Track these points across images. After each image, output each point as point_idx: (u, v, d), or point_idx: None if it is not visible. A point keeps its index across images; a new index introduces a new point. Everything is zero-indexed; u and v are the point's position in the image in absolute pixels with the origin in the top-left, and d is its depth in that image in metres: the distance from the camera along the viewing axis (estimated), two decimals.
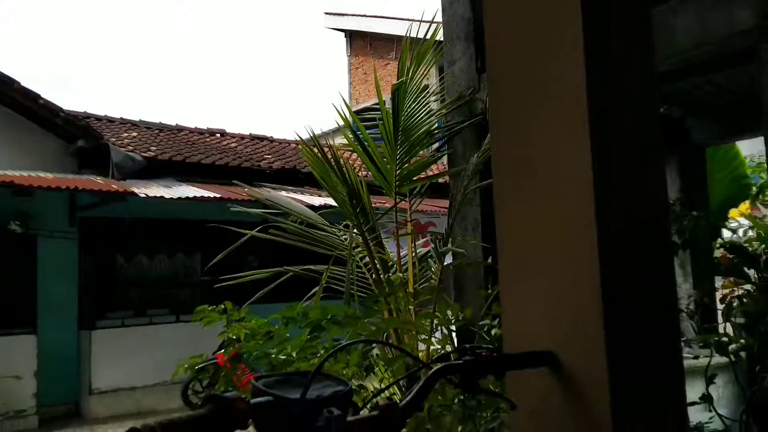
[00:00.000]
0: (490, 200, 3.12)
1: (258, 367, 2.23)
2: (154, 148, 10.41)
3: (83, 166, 9.61)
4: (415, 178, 3.00)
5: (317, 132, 3.17)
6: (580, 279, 1.36)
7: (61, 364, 8.89)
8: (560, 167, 1.44)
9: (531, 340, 1.42)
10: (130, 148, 9.99)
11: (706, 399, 2.56)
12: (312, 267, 2.88)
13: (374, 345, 1.66)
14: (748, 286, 4.41)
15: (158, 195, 8.38)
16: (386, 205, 3.52)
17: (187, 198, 8.54)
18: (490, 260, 2.22)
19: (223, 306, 2.36)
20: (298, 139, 3.28)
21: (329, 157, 2.97)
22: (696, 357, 2.72)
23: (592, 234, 1.36)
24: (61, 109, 9.20)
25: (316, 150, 2.96)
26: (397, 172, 2.83)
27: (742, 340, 2.99)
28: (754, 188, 4.65)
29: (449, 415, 1.89)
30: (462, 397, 2.10)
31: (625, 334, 1.36)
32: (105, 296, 9.65)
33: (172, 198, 8.42)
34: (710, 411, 2.61)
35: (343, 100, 3.36)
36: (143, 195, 8.24)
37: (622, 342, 1.34)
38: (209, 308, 2.34)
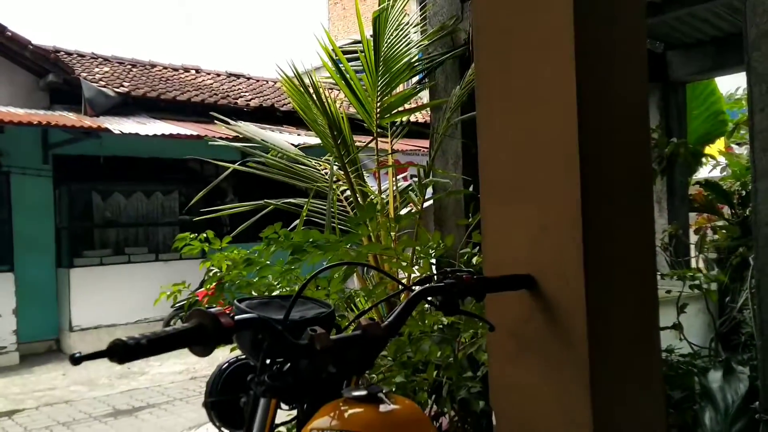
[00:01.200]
0: (471, 135, 3.11)
1: (240, 297, 2.22)
2: (127, 83, 10.13)
3: (55, 101, 9.35)
4: (395, 111, 2.96)
5: (298, 69, 3.09)
6: (562, 206, 1.37)
7: (40, 301, 8.88)
8: (546, 95, 1.43)
9: (511, 265, 1.44)
10: (102, 83, 9.71)
11: (677, 327, 2.64)
12: (293, 200, 2.86)
13: (353, 273, 1.67)
14: (720, 223, 4.52)
15: (133, 132, 8.20)
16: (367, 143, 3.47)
17: (163, 135, 8.37)
18: (471, 189, 2.22)
19: (204, 235, 2.33)
20: (278, 71, 3.19)
21: (310, 90, 2.91)
22: (668, 291, 2.79)
23: (575, 162, 1.36)
24: (29, 42, 8.87)
25: (296, 81, 2.90)
26: (378, 103, 2.78)
27: (714, 272, 3.08)
28: (731, 124, 4.69)
29: (429, 340, 1.93)
30: (441, 326, 2.13)
31: (604, 261, 1.38)
32: (82, 234, 9.58)
33: (147, 135, 8.25)
34: (680, 339, 2.70)
35: (325, 31, 3.26)
36: (117, 132, 8.06)
37: (601, 268, 1.36)
38: (190, 236, 2.31)
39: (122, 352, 0.83)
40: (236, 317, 0.97)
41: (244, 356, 1.38)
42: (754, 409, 1.96)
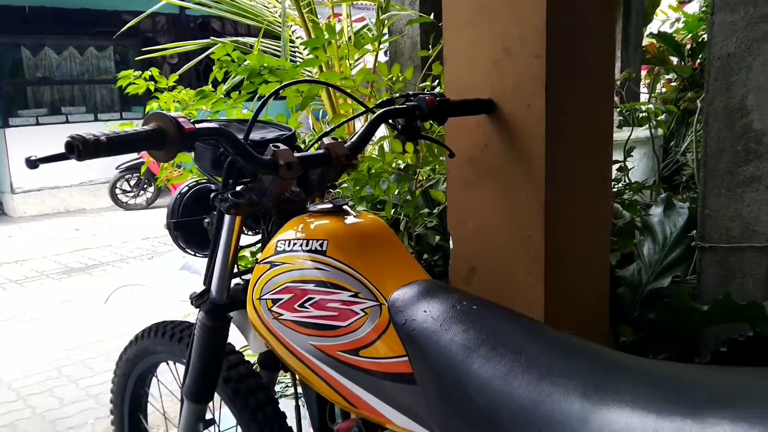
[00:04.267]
0: None
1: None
2: None
3: None
4: None
5: None
6: (527, 27, 1.34)
7: None
8: None
9: (472, 89, 1.43)
10: None
11: (622, 169, 2.74)
12: (241, 39, 2.70)
13: (311, 103, 1.62)
14: (670, 75, 4.59)
15: None
16: None
17: None
18: (432, 17, 2.14)
19: (149, 73, 2.20)
20: None
21: None
22: (619, 126, 2.86)
23: None
24: None
25: None
26: None
27: (661, 117, 3.15)
28: None
29: (387, 177, 1.94)
30: (399, 168, 2.15)
31: (565, 85, 1.38)
32: (14, 93, 9.07)
33: None
34: (626, 180, 2.81)
35: None
36: None
37: (561, 92, 1.36)
38: (135, 74, 2.17)
39: (81, 148, 0.79)
40: (199, 125, 0.94)
41: (204, 180, 1.36)
42: (691, 238, 2.09)
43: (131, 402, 1.70)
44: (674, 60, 4.67)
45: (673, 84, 4.43)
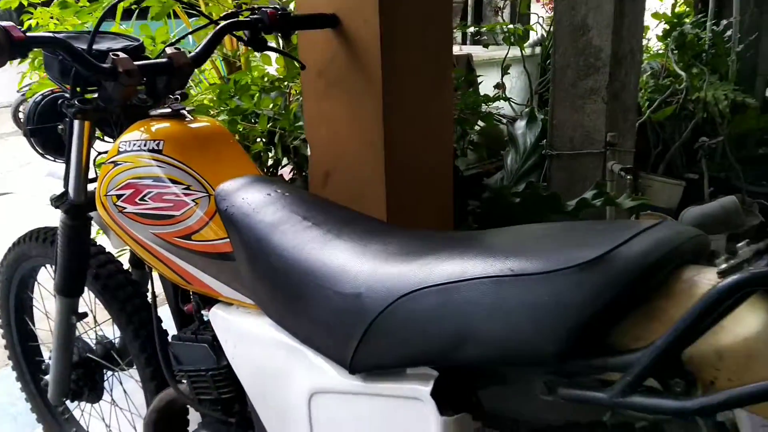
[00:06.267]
0: None
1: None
2: None
3: None
4: None
5: None
6: None
7: None
8: None
9: (321, 4, 1.53)
10: None
11: (499, 86, 2.92)
12: None
13: (169, 11, 1.67)
14: None
15: None
16: None
17: None
18: None
19: None
20: None
21: None
22: (486, 45, 3.01)
23: None
24: None
25: None
26: None
27: (539, 35, 3.33)
28: None
29: (257, 89, 2.04)
30: (272, 82, 2.23)
31: (399, 5, 1.49)
32: None
33: None
34: (503, 98, 3.00)
35: None
36: None
37: (395, 12, 1.48)
38: None
39: None
40: (29, 35, 1.02)
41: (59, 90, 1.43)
42: (543, 146, 2.31)
43: (16, 305, 1.81)
44: None
45: None
